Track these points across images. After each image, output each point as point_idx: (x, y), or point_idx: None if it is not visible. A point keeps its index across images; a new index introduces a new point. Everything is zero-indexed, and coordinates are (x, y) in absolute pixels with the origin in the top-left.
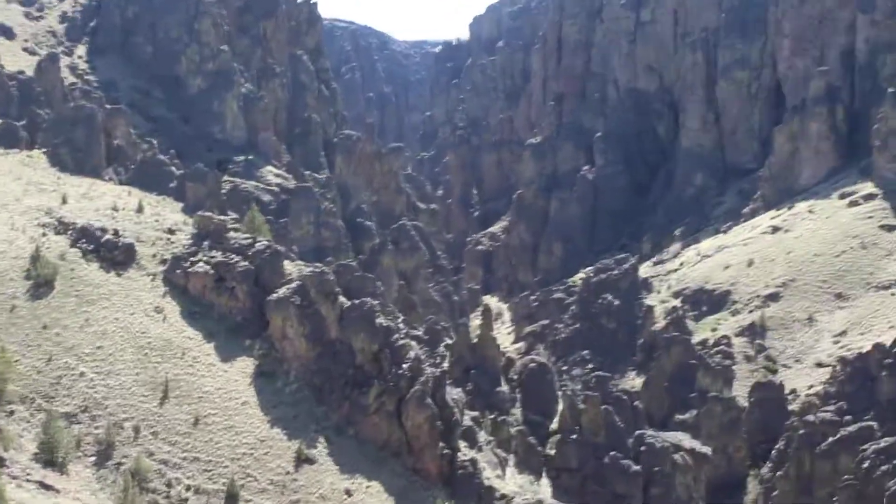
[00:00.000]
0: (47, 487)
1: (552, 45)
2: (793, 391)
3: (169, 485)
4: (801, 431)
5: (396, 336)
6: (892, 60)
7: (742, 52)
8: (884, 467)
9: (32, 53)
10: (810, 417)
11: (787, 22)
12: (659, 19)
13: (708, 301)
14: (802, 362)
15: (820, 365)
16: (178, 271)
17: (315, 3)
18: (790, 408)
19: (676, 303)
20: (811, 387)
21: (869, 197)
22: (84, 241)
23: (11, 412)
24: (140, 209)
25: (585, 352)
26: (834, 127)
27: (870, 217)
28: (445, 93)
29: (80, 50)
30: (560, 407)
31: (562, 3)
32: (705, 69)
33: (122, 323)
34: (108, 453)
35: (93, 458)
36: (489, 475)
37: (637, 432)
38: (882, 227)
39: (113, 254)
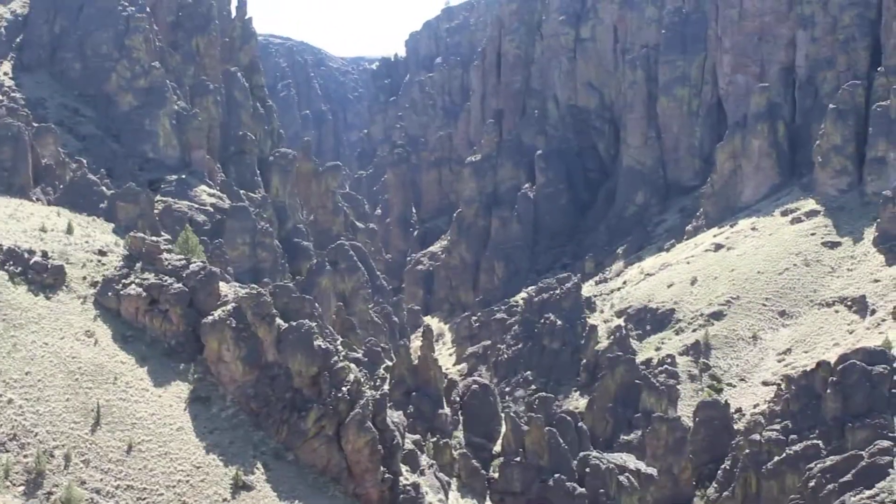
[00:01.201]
0: None
1: (491, 61)
2: (738, 410)
3: None
4: (747, 451)
5: (335, 358)
6: (832, 77)
7: (682, 68)
8: (830, 486)
9: None
10: (756, 436)
11: (727, 38)
12: (598, 36)
13: (652, 320)
14: (747, 381)
15: (765, 383)
16: (109, 294)
17: (249, 19)
18: (736, 427)
19: (620, 322)
20: (756, 405)
21: (811, 213)
22: (11, 263)
23: None
24: (69, 230)
25: (528, 372)
26: (775, 143)
27: (812, 234)
28: (383, 110)
29: (6, 66)
30: (503, 429)
31: (500, 19)
32: (646, 86)
33: (51, 347)
34: (39, 482)
35: (22, 488)
36: (432, 500)
37: (581, 454)
38: (825, 243)
39: (42, 276)
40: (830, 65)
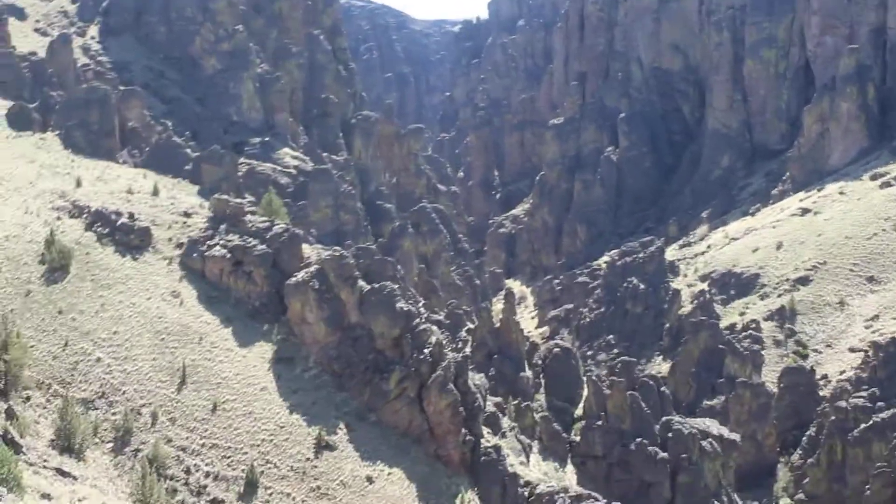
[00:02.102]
0: (64, 474)
1: (574, 23)
2: (824, 377)
3: (188, 471)
4: (833, 418)
5: (417, 321)
6: None
7: (769, 30)
8: None
9: (44, 34)
10: (842, 403)
11: None
12: None
13: (736, 284)
14: (833, 347)
15: (852, 350)
16: (194, 255)
17: None
18: (821, 394)
19: (704, 286)
20: (843, 372)
21: None
22: (99, 224)
23: (28, 398)
24: (155, 192)
25: (611, 336)
26: (864, 106)
27: None
28: (466, 73)
29: (93, 30)
30: (585, 393)
31: None
32: (732, 48)
33: (138, 308)
34: (126, 440)
35: (110, 445)
36: (513, 462)
37: (664, 418)
38: None
39: (128, 237)
40: None
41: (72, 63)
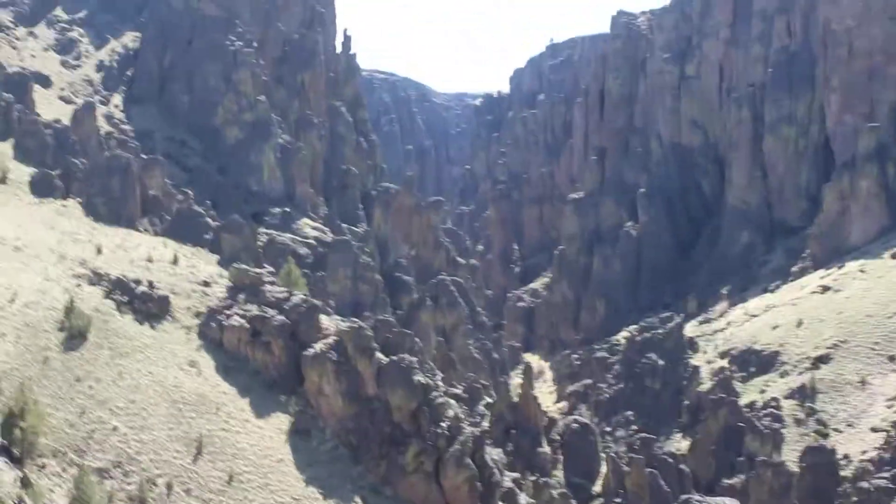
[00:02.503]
0: None
1: (594, 98)
2: (845, 456)
3: None
4: (855, 499)
5: (435, 394)
6: None
7: (789, 108)
8: None
9: (68, 102)
10: (864, 484)
11: (836, 77)
12: (703, 74)
13: (756, 362)
14: (855, 426)
15: (874, 429)
16: (213, 325)
17: (354, 55)
18: (843, 474)
19: (723, 363)
20: (864, 452)
21: None
22: (118, 292)
23: (43, 466)
24: (175, 261)
25: (629, 412)
26: (885, 184)
27: None
28: (486, 146)
29: (117, 99)
30: (603, 469)
31: (604, 56)
32: (752, 125)
33: (155, 377)
34: None
35: None
36: None
37: (683, 497)
38: None
39: (147, 306)
40: None
41: (95, 131)
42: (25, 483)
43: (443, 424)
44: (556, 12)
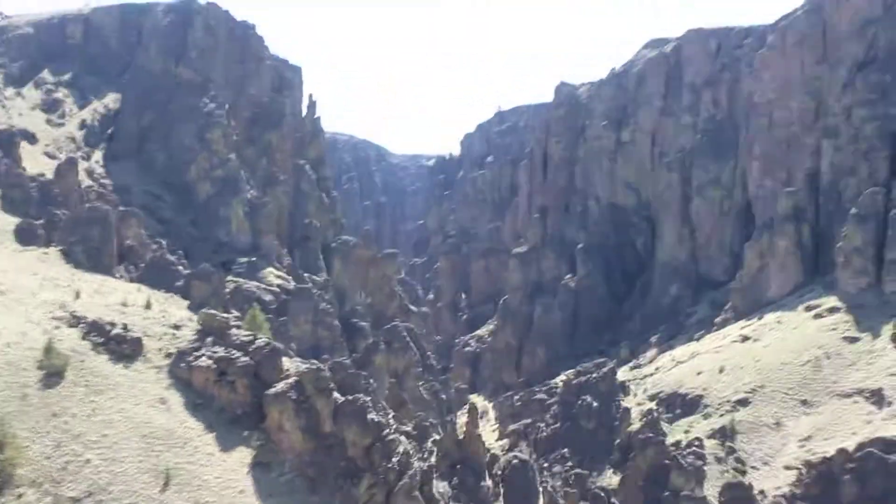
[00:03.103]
0: None
1: (538, 161)
2: (761, 492)
3: None
4: None
5: (387, 431)
6: (854, 183)
7: (715, 172)
8: None
9: (52, 157)
10: None
11: (757, 145)
12: (637, 140)
13: (681, 404)
14: (770, 465)
15: (787, 467)
16: (182, 365)
17: (318, 118)
18: None
19: (652, 405)
20: (778, 488)
21: (833, 310)
22: (95, 334)
23: (20, 495)
24: (148, 305)
25: (565, 450)
26: (800, 244)
27: (833, 329)
28: (438, 203)
29: (98, 155)
30: (541, 502)
31: (548, 122)
32: (681, 187)
33: (127, 413)
34: None
35: None
36: None
37: None
38: (845, 338)
39: (121, 347)
40: (853, 172)
41: (76, 184)
42: None
43: (394, 459)
44: (503, 82)
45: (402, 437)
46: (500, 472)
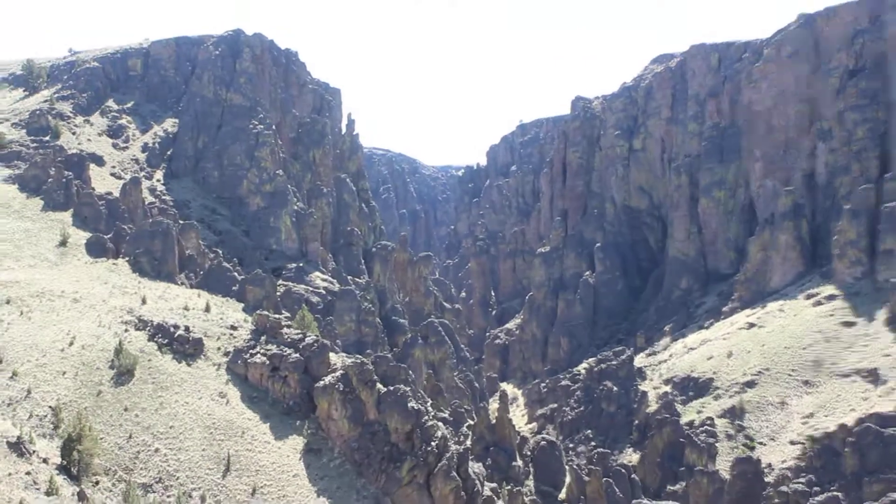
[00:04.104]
0: None
1: (558, 169)
2: (769, 465)
3: None
4: (777, 501)
5: (426, 418)
6: (847, 181)
7: (720, 174)
8: None
9: (118, 178)
10: (784, 488)
11: (758, 149)
12: (648, 147)
13: (694, 387)
14: (776, 440)
15: (792, 443)
16: (239, 362)
17: (357, 135)
18: (767, 480)
19: (667, 389)
20: (784, 461)
21: (830, 297)
22: (160, 335)
23: (97, 482)
24: (207, 309)
25: (589, 431)
26: (799, 238)
27: (831, 315)
28: (467, 209)
29: (158, 174)
30: (567, 479)
31: (566, 133)
32: (689, 189)
33: (191, 406)
34: None
35: None
36: None
37: (634, 501)
38: (842, 323)
39: (184, 347)
40: (846, 171)
41: (140, 201)
42: (82, 497)
43: (433, 443)
44: (523, 97)
45: (440, 423)
46: (529, 453)
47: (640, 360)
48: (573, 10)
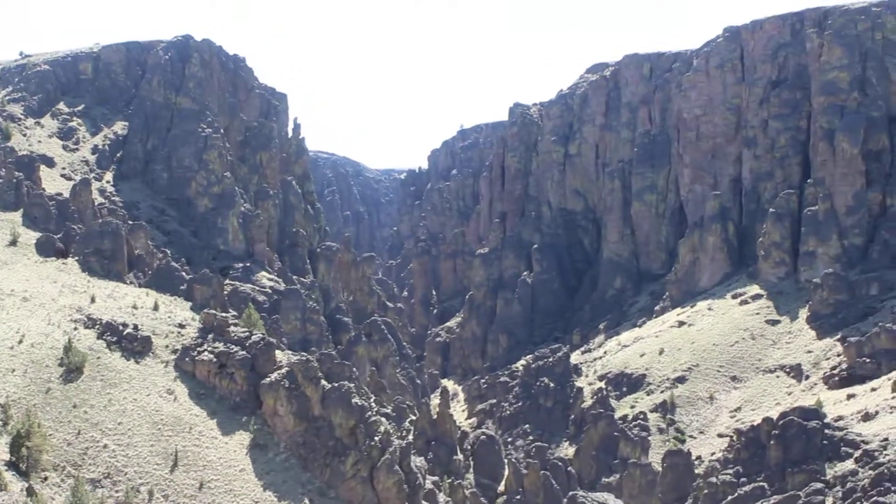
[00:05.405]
0: None
1: (497, 173)
2: (698, 458)
3: None
4: (706, 491)
5: (369, 413)
6: (771, 186)
7: (651, 179)
8: None
9: (68, 179)
10: (713, 479)
11: (687, 155)
12: (583, 152)
13: (627, 383)
14: (706, 433)
15: (720, 435)
16: (187, 359)
17: (303, 138)
18: (697, 471)
19: (601, 385)
20: (713, 454)
21: (756, 297)
22: (109, 333)
23: (45, 478)
24: (156, 307)
25: (527, 426)
26: (726, 240)
27: (757, 313)
28: (409, 212)
29: (108, 176)
30: (506, 472)
31: (504, 138)
32: (622, 193)
33: (139, 403)
34: None
35: None
36: None
37: (570, 493)
38: (767, 321)
39: (133, 344)
40: (770, 177)
41: (90, 202)
42: (30, 492)
43: (376, 438)
44: (464, 103)
45: (383, 419)
46: (469, 447)
47: (575, 357)
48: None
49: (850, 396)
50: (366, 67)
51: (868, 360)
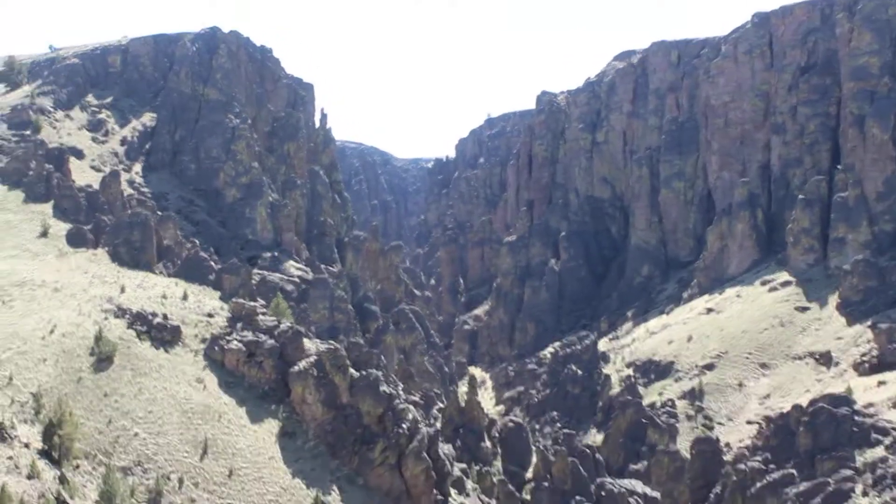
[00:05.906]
0: None
1: (524, 160)
2: (727, 444)
3: None
4: (734, 478)
5: (397, 401)
6: (800, 173)
7: (679, 166)
8: None
9: (98, 170)
10: (741, 466)
11: (715, 142)
12: (611, 140)
13: (655, 370)
14: (734, 420)
15: (749, 422)
16: (216, 348)
17: (330, 128)
18: (725, 458)
19: (629, 372)
20: (742, 441)
21: (785, 283)
22: (139, 323)
23: (77, 466)
24: (185, 297)
25: (554, 413)
26: (755, 227)
27: (786, 300)
28: (437, 200)
29: (137, 167)
30: (534, 459)
31: (531, 126)
32: (649, 180)
33: (169, 391)
34: (158, 501)
35: None
36: None
37: (598, 480)
38: (797, 308)
39: (162, 334)
40: (799, 163)
41: (119, 193)
42: (63, 480)
43: (404, 426)
44: (492, 92)
45: (411, 406)
46: (497, 435)
47: (603, 345)
48: (540, 8)
49: (880, 383)
50: (394, 57)
51: None
